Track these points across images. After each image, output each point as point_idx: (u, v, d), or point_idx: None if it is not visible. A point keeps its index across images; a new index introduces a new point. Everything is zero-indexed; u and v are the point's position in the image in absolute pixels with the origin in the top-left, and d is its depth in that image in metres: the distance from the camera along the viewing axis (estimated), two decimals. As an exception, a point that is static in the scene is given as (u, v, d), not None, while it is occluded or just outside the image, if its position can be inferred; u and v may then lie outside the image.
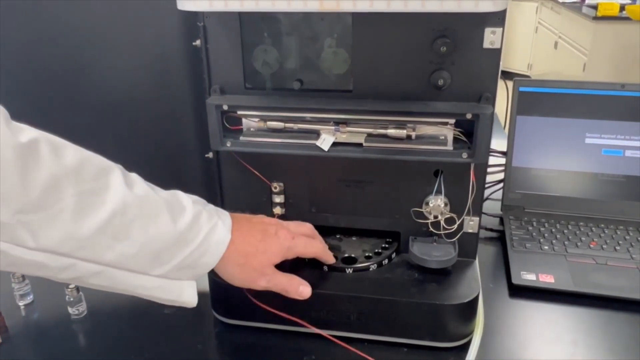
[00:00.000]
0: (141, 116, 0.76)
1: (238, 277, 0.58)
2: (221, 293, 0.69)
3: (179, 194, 0.55)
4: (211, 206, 0.58)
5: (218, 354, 0.68)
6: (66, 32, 0.71)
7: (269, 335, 0.68)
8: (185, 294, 0.55)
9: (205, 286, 0.70)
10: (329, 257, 0.66)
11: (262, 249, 0.58)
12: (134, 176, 0.52)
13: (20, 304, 0.75)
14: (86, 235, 0.46)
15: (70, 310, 0.73)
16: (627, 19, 3.02)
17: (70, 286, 0.71)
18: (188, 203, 0.54)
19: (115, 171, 0.50)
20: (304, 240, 0.63)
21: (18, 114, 0.72)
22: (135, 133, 0.76)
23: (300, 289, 0.60)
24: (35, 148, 0.44)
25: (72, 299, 0.72)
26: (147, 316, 0.73)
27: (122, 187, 0.48)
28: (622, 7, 3.09)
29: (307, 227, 0.66)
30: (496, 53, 0.60)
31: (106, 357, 0.67)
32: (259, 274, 0.58)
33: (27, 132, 0.45)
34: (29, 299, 0.76)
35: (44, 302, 0.76)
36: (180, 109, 0.75)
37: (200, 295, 0.74)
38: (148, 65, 0.72)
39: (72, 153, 0.47)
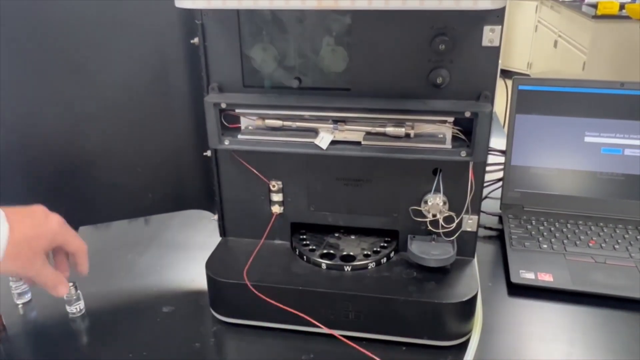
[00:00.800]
0: (139, 114, 0.75)
1: (11, 266, 0.55)
2: (219, 291, 0.69)
3: None
4: None
5: (216, 353, 0.68)
6: (64, 30, 0.70)
7: (267, 333, 0.68)
8: None
9: (204, 284, 0.70)
10: (84, 263, 0.62)
11: (33, 235, 0.56)
12: None
13: (18, 302, 0.75)
14: None
15: (68, 308, 0.72)
16: (626, 17, 3.02)
17: (69, 284, 0.71)
18: None
19: None
20: (73, 231, 0.61)
21: (17, 113, 0.72)
22: (133, 131, 0.76)
23: (58, 287, 0.59)
24: None
25: (70, 298, 0.72)
26: (145, 314, 0.73)
27: None
28: (622, 6, 3.09)
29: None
30: (495, 51, 0.59)
31: (104, 355, 0.67)
32: (29, 264, 0.56)
33: None
34: (27, 297, 0.75)
35: (41, 300, 0.76)
36: (178, 107, 0.75)
37: (199, 293, 0.75)
38: (146, 63, 0.72)
39: None
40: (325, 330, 0.65)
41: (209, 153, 0.72)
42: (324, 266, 0.69)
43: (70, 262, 0.62)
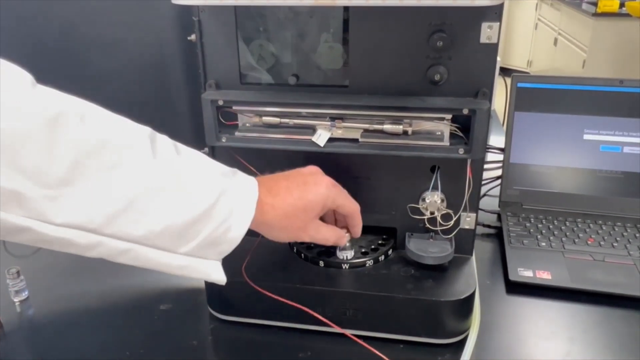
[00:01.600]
0: (136, 111, 0.75)
1: (283, 237, 0.58)
2: (217, 289, 0.69)
3: (207, 166, 0.53)
4: (240, 176, 0.55)
5: (213, 350, 0.68)
6: (61, 28, 0.70)
7: (264, 331, 0.68)
8: (215, 272, 0.54)
9: (201, 282, 0.70)
10: (357, 224, 0.64)
11: (301, 206, 0.56)
12: (163, 144, 0.50)
13: (15, 300, 0.75)
14: (112, 211, 0.44)
15: (340, 254, 0.69)
16: (626, 15, 3.01)
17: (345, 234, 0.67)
18: (215, 176, 0.52)
19: (144, 142, 0.47)
20: (345, 192, 0.61)
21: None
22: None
23: (343, 239, 0.63)
24: (64, 120, 0.42)
25: (344, 246, 0.68)
26: (142, 312, 0.72)
27: (149, 160, 0.47)
28: (622, 4, 3.08)
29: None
30: (493, 48, 0.59)
31: (101, 353, 0.67)
32: (302, 231, 0.58)
33: (55, 101, 0.43)
34: (24, 295, 0.75)
35: (39, 298, 0.75)
36: (175, 104, 0.75)
37: (196, 291, 0.75)
38: (143, 59, 0.72)
39: (101, 123, 0.45)
40: (322, 328, 0.65)
41: (206, 150, 0.71)
42: (321, 264, 0.68)
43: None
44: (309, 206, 0.57)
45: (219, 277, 0.54)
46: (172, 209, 0.47)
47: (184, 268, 0.51)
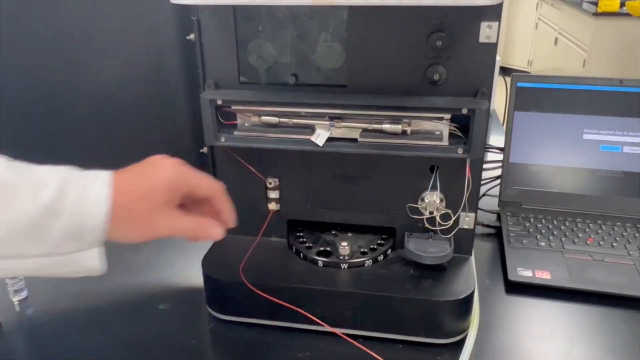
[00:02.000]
0: (135, 111, 0.75)
1: (133, 233, 0.49)
2: (216, 289, 0.69)
3: (41, 168, 0.48)
4: (87, 171, 0.50)
5: (212, 350, 0.68)
6: (60, 27, 0.70)
7: (263, 331, 0.68)
8: (85, 262, 0.48)
9: (200, 282, 0.70)
10: (225, 208, 0.55)
11: (143, 190, 0.49)
12: None
13: (14, 299, 0.75)
14: None
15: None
16: (627, 15, 3.01)
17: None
18: (51, 173, 0.47)
19: None
20: (199, 173, 0.53)
21: (15, 110, 0.72)
22: (129, 128, 0.76)
23: (210, 230, 0.52)
24: None
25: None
26: (141, 312, 0.72)
27: None
28: (623, 3, 3.08)
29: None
30: (492, 47, 0.59)
31: (100, 352, 0.67)
32: (151, 221, 0.49)
33: None
34: (23, 294, 0.75)
35: (38, 298, 0.75)
36: (174, 104, 0.75)
37: (195, 290, 0.75)
38: (142, 59, 0.72)
39: None
40: (321, 328, 0.65)
41: (205, 150, 0.71)
42: (320, 264, 0.68)
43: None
44: (151, 192, 0.49)
45: (92, 266, 0.49)
46: (7, 215, 0.44)
47: (50, 267, 0.47)
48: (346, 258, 0.68)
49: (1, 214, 0.43)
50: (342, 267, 0.68)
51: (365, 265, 0.68)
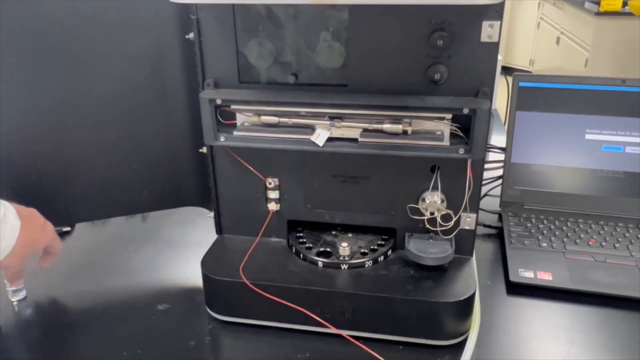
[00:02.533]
0: (135, 110, 0.75)
1: (11, 264, 0.67)
2: (215, 289, 0.69)
3: None
4: None
5: (211, 351, 0.67)
6: (59, 26, 0.70)
7: (263, 332, 0.67)
8: None
9: (200, 282, 0.70)
10: (54, 261, 0.73)
11: (36, 239, 0.67)
12: None
13: (13, 300, 0.74)
14: None
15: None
16: (629, 14, 3.00)
17: None
18: None
19: None
20: (57, 236, 0.73)
21: (13, 109, 0.71)
22: (128, 127, 0.75)
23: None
24: None
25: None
26: (140, 313, 0.72)
27: None
28: (625, 3, 3.07)
29: None
30: (494, 47, 0.58)
31: (98, 353, 0.66)
32: (25, 261, 0.68)
33: None
34: (22, 294, 0.75)
35: (36, 298, 0.75)
36: (174, 103, 0.74)
37: (194, 291, 0.74)
38: (141, 58, 0.72)
39: None
40: (321, 329, 0.64)
41: (204, 150, 0.71)
42: (320, 264, 0.68)
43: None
44: (41, 240, 0.69)
45: None
46: None
47: None
48: (346, 259, 0.67)
49: None
50: (342, 267, 0.67)
51: (366, 266, 0.68)
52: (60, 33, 0.70)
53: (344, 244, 0.68)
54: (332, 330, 0.64)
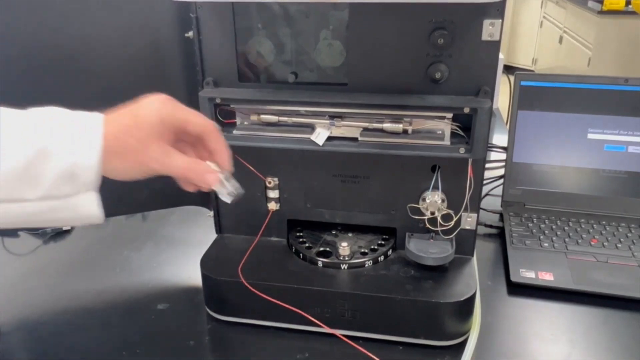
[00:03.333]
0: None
1: (125, 167, 0.48)
2: (214, 289, 0.68)
3: (33, 111, 0.49)
4: (78, 112, 0.50)
5: (210, 350, 0.67)
6: (57, 26, 0.69)
7: (262, 332, 0.67)
8: (82, 208, 0.47)
9: (199, 282, 0.69)
10: (219, 148, 0.52)
11: (132, 122, 0.48)
12: None
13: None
14: None
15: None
16: (632, 13, 2.99)
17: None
18: (42, 115, 0.48)
19: None
20: (189, 109, 0.51)
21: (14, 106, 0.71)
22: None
23: (205, 175, 0.50)
24: None
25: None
26: (139, 312, 0.72)
27: None
28: (628, 1, 3.06)
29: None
30: (495, 45, 0.58)
31: (98, 352, 0.66)
32: (142, 154, 0.48)
33: None
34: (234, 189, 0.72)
35: (36, 297, 0.75)
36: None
37: (194, 290, 0.74)
38: (140, 57, 0.71)
39: None
40: (321, 329, 0.64)
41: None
42: (320, 264, 0.67)
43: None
44: (141, 122, 0.48)
45: (89, 212, 0.48)
46: (1, 155, 0.44)
47: (47, 213, 0.46)
48: (346, 258, 0.67)
49: None
50: (342, 267, 0.67)
51: (366, 266, 0.67)
52: (59, 32, 0.70)
53: (344, 244, 0.67)
54: (329, 331, 0.63)
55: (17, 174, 0.44)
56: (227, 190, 0.52)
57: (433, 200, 0.65)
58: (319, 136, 0.63)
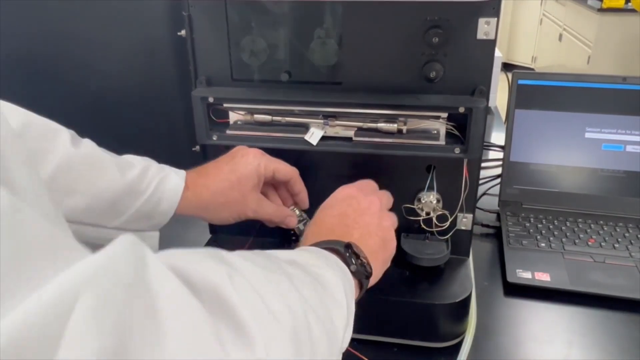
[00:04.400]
0: (128, 108, 0.74)
1: (227, 215, 0.59)
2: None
3: (128, 156, 0.57)
4: (165, 165, 0.59)
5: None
6: (52, 25, 0.69)
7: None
8: (146, 243, 0.56)
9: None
10: (299, 189, 0.63)
11: (233, 178, 0.57)
12: (86, 140, 0.54)
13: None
14: None
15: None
16: (632, 11, 2.98)
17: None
18: (136, 159, 0.57)
19: (62, 133, 0.52)
20: (277, 160, 0.61)
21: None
22: (122, 125, 0.75)
23: (288, 218, 0.62)
24: None
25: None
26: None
27: (66, 146, 0.51)
28: (628, -1, 3.05)
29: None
30: (490, 44, 0.57)
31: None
32: (243, 205, 0.58)
33: None
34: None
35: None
36: (167, 101, 0.73)
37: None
38: (134, 56, 0.71)
39: (17, 116, 0.49)
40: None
41: (197, 148, 0.70)
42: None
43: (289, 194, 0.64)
44: (243, 177, 0.57)
45: (152, 246, 0.56)
46: (95, 186, 0.51)
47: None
48: (300, 230, 0.66)
49: (89, 185, 0.51)
50: None
51: None
52: (54, 30, 0.69)
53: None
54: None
55: (106, 204, 0.52)
56: (299, 230, 0.64)
57: (428, 201, 0.65)
58: (313, 136, 0.62)
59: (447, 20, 0.57)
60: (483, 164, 0.69)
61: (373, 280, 0.49)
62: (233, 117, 0.65)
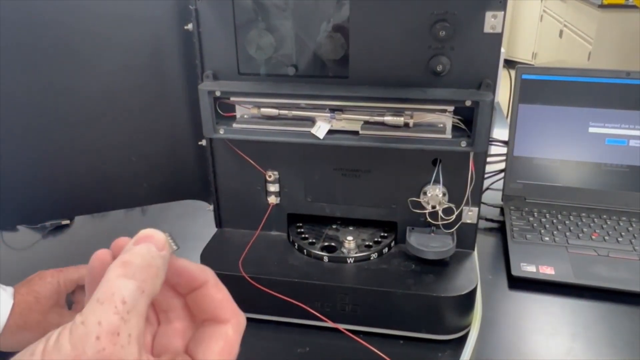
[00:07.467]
0: (134, 102, 0.74)
1: (26, 338, 0.59)
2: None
3: None
4: None
5: (211, 345, 0.67)
6: (57, 19, 0.69)
7: (262, 326, 0.67)
8: None
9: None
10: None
11: (33, 299, 0.60)
12: None
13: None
14: None
15: None
16: (633, 7, 2.98)
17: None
18: None
19: None
20: (71, 267, 0.66)
21: (13, 104, 0.71)
22: (127, 120, 0.75)
23: None
24: None
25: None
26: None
27: None
28: (629, -5, 3.05)
29: None
30: (497, 38, 0.58)
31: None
32: (42, 326, 0.60)
33: None
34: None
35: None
36: (173, 95, 0.73)
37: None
38: (140, 50, 0.71)
39: None
40: (321, 323, 0.64)
41: (204, 142, 0.70)
42: (325, 259, 0.67)
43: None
44: (40, 296, 0.61)
45: None
46: None
47: None
48: (351, 252, 0.67)
49: None
50: (349, 262, 0.67)
51: (371, 258, 0.67)
52: (58, 26, 0.69)
53: (349, 238, 0.67)
54: (331, 324, 0.63)
55: None
56: None
57: (434, 194, 0.65)
58: (320, 129, 0.63)
59: (454, 14, 0.57)
60: (487, 159, 0.69)
61: None
62: (239, 111, 0.65)
